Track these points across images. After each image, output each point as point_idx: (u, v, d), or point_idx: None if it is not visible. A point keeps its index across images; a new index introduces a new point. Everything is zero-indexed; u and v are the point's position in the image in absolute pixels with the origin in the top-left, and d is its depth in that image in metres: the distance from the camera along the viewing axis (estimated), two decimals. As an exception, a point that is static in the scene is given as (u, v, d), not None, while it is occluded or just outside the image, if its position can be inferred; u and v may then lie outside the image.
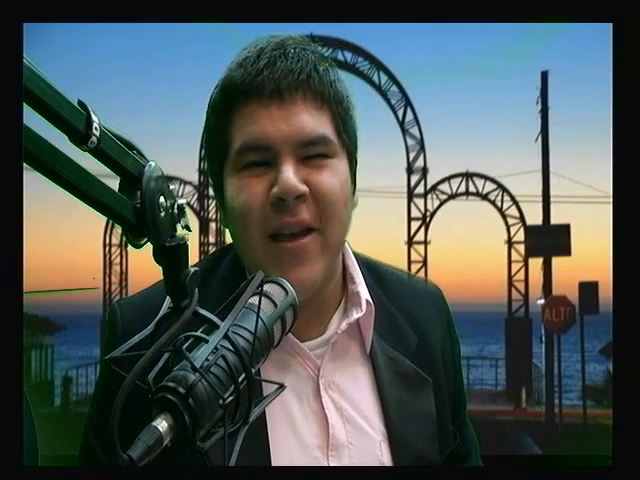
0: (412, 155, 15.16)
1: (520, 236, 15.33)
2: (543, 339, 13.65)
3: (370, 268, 1.17)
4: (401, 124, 15.21)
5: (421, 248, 15.15)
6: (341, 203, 1.02)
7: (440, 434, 1.12)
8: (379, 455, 1.06)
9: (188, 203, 0.72)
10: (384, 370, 1.09)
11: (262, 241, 1.00)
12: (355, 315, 1.08)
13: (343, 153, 1.04)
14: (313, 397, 1.06)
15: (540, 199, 14.24)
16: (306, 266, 1.00)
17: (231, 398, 0.65)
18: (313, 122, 0.99)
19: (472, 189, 15.73)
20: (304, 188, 0.98)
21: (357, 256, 1.16)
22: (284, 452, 1.02)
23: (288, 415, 1.04)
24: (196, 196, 15.54)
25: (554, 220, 14.10)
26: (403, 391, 1.09)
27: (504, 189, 15.61)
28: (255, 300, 0.72)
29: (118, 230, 14.99)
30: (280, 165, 0.98)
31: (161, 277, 0.69)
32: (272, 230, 0.99)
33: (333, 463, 1.04)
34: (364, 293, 1.09)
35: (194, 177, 15.41)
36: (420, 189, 15.22)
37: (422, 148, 15.12)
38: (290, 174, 0.97)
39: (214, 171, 1.06)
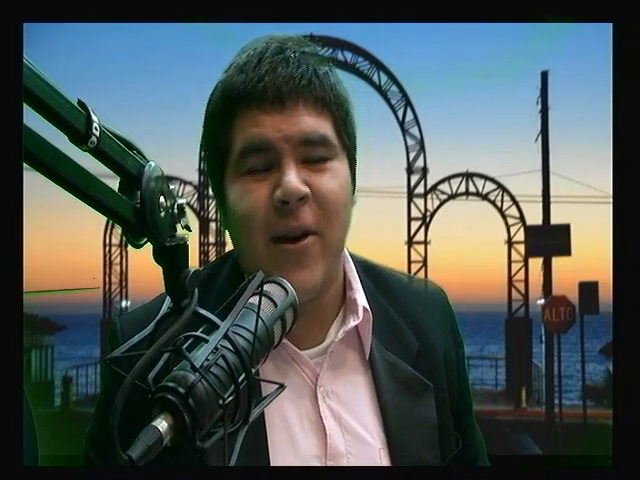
0: (412, 155, 15.17)
1: (520, 236, 15.33)
2: (543, 339, 13.65)
3: (370, 271, 1.16)
4: (401, 124, 15.22)
5: (421, 248, 15.16)
6: (342, 205, 1.02)
7: (441, 440, 1.10)
8: (379, 463, 1.05)
9: (188, 203, 0.72)
10: (384, 376, 1.08)
11: (265, 244, 1.00)
12: (352, 323, 1.07)
13: (343, 154, 1.04)
14: (311, 406, 1.05)
15: (540, 199, 14.24)
16: (307, 269, 0.99)
17: (231, 398, 0.65)
18: (314, 123, 1.00)
19: (472, 189, 15.74)
20: (306, 190, 0.98)
21: (356, 259, 1.15)
22: (282, 461, 1.02)
23: (286, 424, 1.04)
24: (196, 196, 15.54)
25: (554, 220, 14.10)
26: (403, 397, 1.08)
27: (504, 189, 15.62)
28: (255, 300, 0.72)
29: (118, 230, 14.99)
30: (282, 167, 0.98)
31: (161, 283, 0.69)
32: (275, 233, 0.99)
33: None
34: (361, 300, 1.08)
35: (194, 177, 15.42)
36: (420, 189, 15.23)
37: (422, 148, 15.13)
38: (292, 176, 0.97)
39: (215, 175, 1.06)
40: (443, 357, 1.15)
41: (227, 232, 1.07)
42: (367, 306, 1.08)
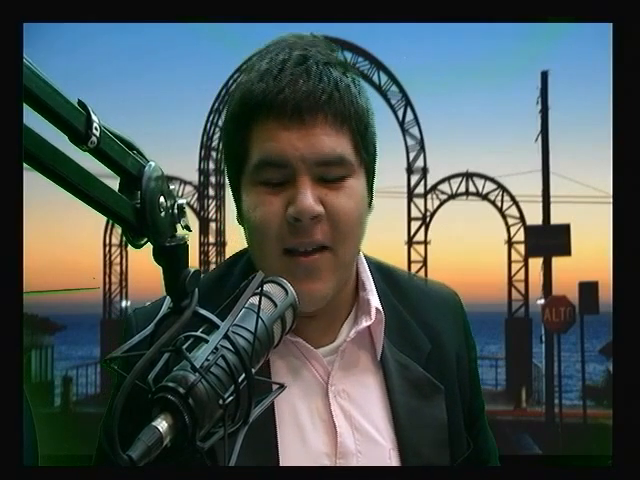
0: (412, 155, 15.19)
1: (520, 236, 15.36)
2: (543, 339, 13.66)
3: (383, 273, 1.16)
4: (401, 124, 15.23)
5: (421, 248, 15.18)
6: (356, 223, 1.02)
7: (451, 441, 1.10)
8: (388, 463, 1.06)
9: (188, 203, 0.72)
10: (395, 377, 1.08)
11: (278, 256, 1.00)
12: (364, 323, 1.07)
13: (361, 170, 1.03)
14: (322, 404, 1.05)
15: (540, 199, 14.26)
16: (318, 282, 1.00)
17: (231, 398, 0.65)
18: (332, 143, 0.98)
19: (472, 189, 15.76)
20: (320, 209, 0.98)
21: (370, 260, 1.15)
22: (292, 458, 1.02)
23: (297, 421, 1.04)
24: (196, 196, 15.57)
25: (554, 220, 14.11)
26: (414, 398, 1.09)
27: (504, 189, 15.65)
28: (255, 300, 0.72)
29: (118, 230, 14.98)
30: (297, 184, 0.98)
31: (161, 283, 0.68)
32: (287, 246, 0.99)
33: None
34: (374, 301, 1.09)
35: (194, 177, 15.45)
36: (420, 189, 15.25)
37: (422, 148, 15.14)
38: (307, 195, 0.97)
39: (232, 177, 1.06)
40: (455, 359, 1.15)
41: (242, 229, 1.07)
42: (379, 307, 1.09)
